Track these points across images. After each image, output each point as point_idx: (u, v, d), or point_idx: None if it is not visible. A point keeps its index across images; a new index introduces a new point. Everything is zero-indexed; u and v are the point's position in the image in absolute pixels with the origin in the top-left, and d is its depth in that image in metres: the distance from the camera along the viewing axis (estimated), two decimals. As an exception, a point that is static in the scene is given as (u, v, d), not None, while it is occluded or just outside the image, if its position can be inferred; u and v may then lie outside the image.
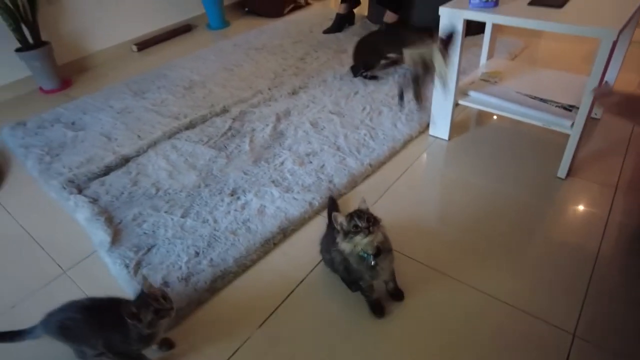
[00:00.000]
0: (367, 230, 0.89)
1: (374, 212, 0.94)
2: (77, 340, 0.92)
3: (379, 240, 0.93)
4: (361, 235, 0.89)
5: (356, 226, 0.89)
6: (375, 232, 0.90)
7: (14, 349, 1.00)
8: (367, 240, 0.90)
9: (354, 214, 0.91)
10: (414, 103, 1.65)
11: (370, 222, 0.90)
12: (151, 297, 0.87)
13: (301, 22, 3.02)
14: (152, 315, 0.86)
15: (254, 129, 1.78)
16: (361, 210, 0.93)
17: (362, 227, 0.89)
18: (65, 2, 2.51)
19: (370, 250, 0.92)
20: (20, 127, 2.00)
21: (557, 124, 1.38)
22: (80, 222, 1.41)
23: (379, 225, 0.92)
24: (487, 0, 1.35)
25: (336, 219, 0.92)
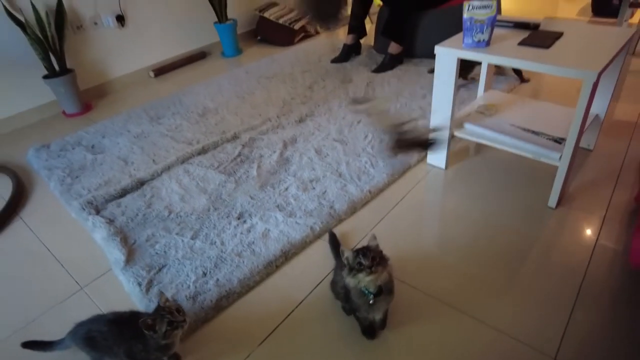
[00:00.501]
0: (370, 270, 0.92)
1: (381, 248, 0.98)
2: (102, 351, 1.01)
3: (382, 280, 0.96)
4: (364, 273, 0.93)
5: (360, 263, 0.93)
6: (379, 272, 0.93)
7: (36, 359, 1.10)
8: (370, 279, 0.93)
9: (361, 251, 0.95)
10: None
11: (375, 261, 0.93)
12: (166, 310, 0.96)
13: (310, 51, 3.16)
14: (166, 326, 0.94)
15: (261, 155, 1.89)
16: (369, 248, 0.96)
17: (365, 265, 0.93)
18: (89, 32, 2.68)
19: (372, 288, 0.96)
20: (45, 150, 2.14)
21: (546, 156, 1.45)
22: (97, 241, 1.52)
23: (385, 265, 0.95)
24: (479, 41, 1.45)
25: (343, 253, 0.97)
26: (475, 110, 1.75)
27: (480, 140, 1.61)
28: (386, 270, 0.96)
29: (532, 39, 1.48)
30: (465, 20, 1.44)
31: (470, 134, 1.63)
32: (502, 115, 1.70)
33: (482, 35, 1.45)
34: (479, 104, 1.80)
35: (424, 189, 1.64)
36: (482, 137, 1.61)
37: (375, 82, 2.51)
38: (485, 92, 1.90)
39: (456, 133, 1.65)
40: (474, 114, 1.73)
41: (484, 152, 1.82)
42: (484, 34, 1.44)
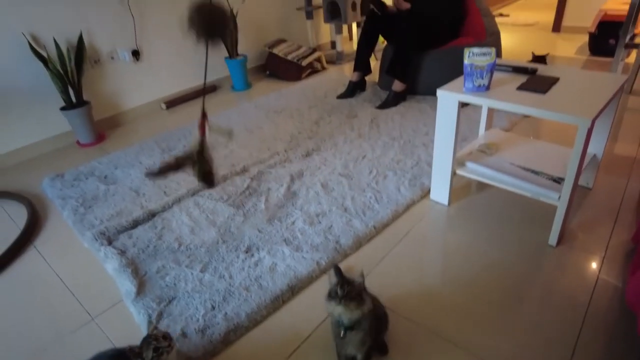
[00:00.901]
0: (339, 300, 0.95)
1: (370, 289, 1.01)
2: None
3: (353, 316, 0.97)
4: (335, 302, 0.96)
5: (336, 292, 0.96)
6: (350, 307, 0.95)
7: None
8: (339, 310, 0.96)
9: (343, 281, 0.98)
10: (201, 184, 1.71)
11: (349, 295, 0.94)
12: (152, 337, 1.01)
13: (317, 86, 3.27)
14: (152, 352, 0.99)
15: (269, 189, 1.95)
16: (350, 282, 0.98)
17: (338, 295, 0.95)
18: (105, 66, 2.81)
19: (345, 320, 0.98)
20: (59, 179, 2.21)
21: (545, 195, 1.50)
22: (109, 271, 1.56)
23: (360, 303, 0.96)
24: (479, 85, 1.53)
25: (329, 276, 1.02)
26: (476, 149, 1.81)
27: (482, 179, 1.66)
28: (360, 309, 0.96)
29: (530, 83, 1.55)
30: (466, 66, 1.52)
31: (472, 173, 1.69)
32: (502, 154, 1.76)
33: (482, 80, 1.52)
34: (480, 142, 1.87)
35: (427, 225, 1.68)
36: (483, 176, 1.66)
37: (380, 118, 2.59)
38: (486, 131, 1.97)
39: (458, 171, 1.71)
40: (476, 152, 1.79)
41: (486, 190, 1.88)
42: (484, 79, 1.52)
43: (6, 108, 2.44)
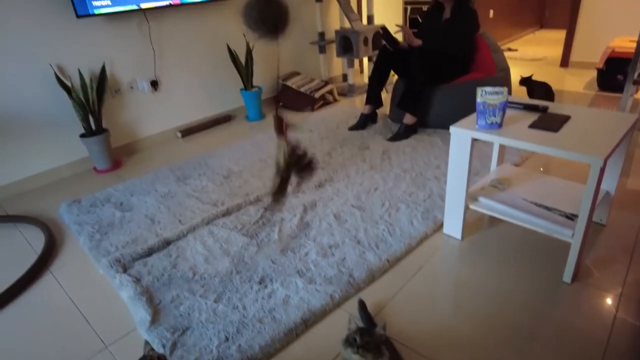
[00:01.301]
0: (356, 350, 0.95)
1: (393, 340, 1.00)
2: None
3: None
4: (351, 349, 0.95)
5: (355, 339, 0.96)
6: (367, 358, 0.94)
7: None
8: (355, 358, 0.95)
9: (364, 330, 0.97)
10: None
11: (367, 346, 0.94)
12: (147, 358, 1.02)
13: (329, 118, 3.34)
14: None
15: (282, 219, 1.97)
16: (372, 332, 0.97)
17: (356, 344, 0.95)
18: (125, 95, 2.90)
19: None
20: (76, 205, 2.25)
21: (558, 232, 1.51)
22: (124, 299, 1.57)
23: (378, 356, 0.95)
24: (492, 123, 1.57)
25: (349, 322, 1.01)
26: (488, 184, 1.83)
27: (494, 214, 1.67)
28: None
29: (541, 121, 1.59)
30: (479, 104, 1.56)
31: (484, 208, 1.70)
32: (514, 190, 1.78)
33: (494, 118, 1.56)
34: (492, 177, 1.89)
35: (440, 260, 1.69)
36: (496, 211, 1.67)
37: (391, 151, 2.63)
38: (498, 166, 2.00)
39: (471, 206, 1.73)
40: (488, 187, 1.81)
41: (499, 225, 1.88)
42: (496, 117, 1.56)
43: (29, 134, 2.52)
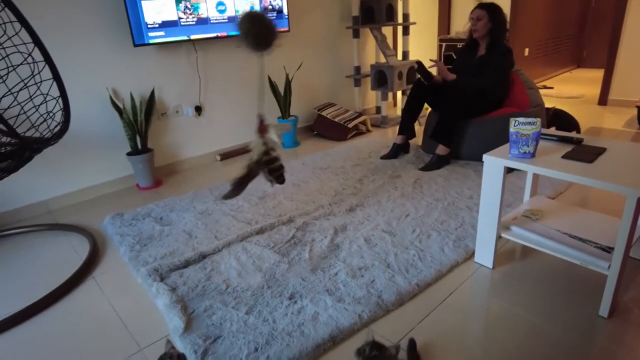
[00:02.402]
0: None
1: None
2: None
3: None
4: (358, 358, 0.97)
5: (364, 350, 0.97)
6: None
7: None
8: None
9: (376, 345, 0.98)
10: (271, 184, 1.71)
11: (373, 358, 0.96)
12: (168, 355, 1.08)
13: (362, 147, 3.42)
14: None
15: (313, 239, 2.02)
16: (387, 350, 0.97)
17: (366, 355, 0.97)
18: (170, 118, 3.09)
19: None
20: (119, 218, 2.39)
21: (594, 264, 1.48)
22: (159, 307, 1.64)
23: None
24: (525, 152, 1.59)
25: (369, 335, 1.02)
26: (521, 214, 1.82)
27: (527, 243, 1.66)
28: None
29: (575, 153, 1.59)
30: (512, 133, 1.59)
31: (516, 237, 1.69)
32: (547, 221, 1.76)
33: (527, 148, 1.58)
34: (525, 208, 1.88)
35: (471, 288, 1.68)
36: (528, 241, 1.66)
37: (423, 180, 2.66)
38: (531, 198, 1.99)
39: (503, 234, 1.72)
40: (520, 217, 1.80)
41: (531, 255, 1.86)
42: (529, 147, 1.58)
43: (83, 150, 2.71)
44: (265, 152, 1.63)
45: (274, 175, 1.66)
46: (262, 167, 1.64)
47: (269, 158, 1.63)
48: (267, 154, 1.63)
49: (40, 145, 1.82)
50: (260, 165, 1.63)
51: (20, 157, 1.79)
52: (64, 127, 1.95)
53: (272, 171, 1.65)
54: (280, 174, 1.67)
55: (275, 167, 1.64)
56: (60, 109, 1.93)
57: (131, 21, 2.64)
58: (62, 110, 1.92)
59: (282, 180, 1.69)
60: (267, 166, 1.63)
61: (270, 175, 1.66)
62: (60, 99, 1.90)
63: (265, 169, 1.64)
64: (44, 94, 1.89)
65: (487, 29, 2.79)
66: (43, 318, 1.65)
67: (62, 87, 1.85)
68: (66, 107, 1.91)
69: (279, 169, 1.66)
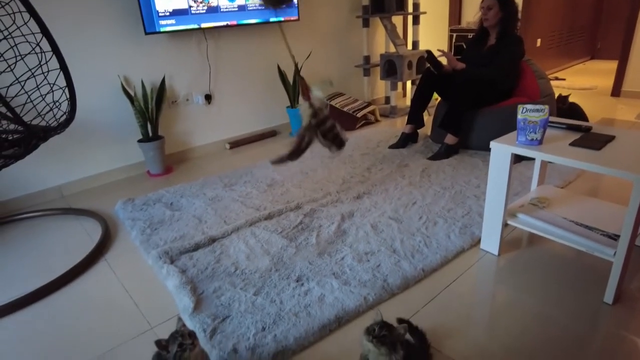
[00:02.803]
0: (371, 338, 0.96)
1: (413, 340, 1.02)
2: None
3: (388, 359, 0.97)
4: (367, 337, 0.98)
5: (373, 329, 0.98)
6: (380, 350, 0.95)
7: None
8: (369, 347, 0.97)
9: (385, 324, 0.99)
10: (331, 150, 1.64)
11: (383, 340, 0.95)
12: (179, 333, 1.09)
13: (370, 137, 3.42)
14: (177, 347, 1.06)
15: (321, 225, 2.04)
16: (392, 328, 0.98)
17: (373, 334, 0.97)
18: (181, 106, 3.12)
19: (370, 358, 0.99)
20: (130, 203, 2.43)
21: (600, 250, 1.49)
22: (169, 288, 1.68)
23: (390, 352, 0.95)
24: (532, 139, 1.59)
25: (377, 315, 1.04)
26: (528, 202, 1.83)
27: (533, 230, 1.67)
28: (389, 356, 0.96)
29: (583, 140, 1.59)
30: (519, 120, 1.60)
31: (523, 224, 1.70)
32: (554, 209, 1.77)
33: (535, 135, 1.58)
34: (532, 196, 1.88)
35: (476, 273, 1.69)
36: (534, 228, 1.67)
37: (431, 169, 2.66)
38: (538, 187, 1.99)
39: (509, 222, 1.73)
40: (527, 205, 1.81)
41: (537, 243, 1.86)
42: (537, 134, 1.58)
43: (94, 137, 2.76)
44: (313, 114, 1.55)
45: (329, 137, 1.57)
46: (314, 131, 1.56)
47: (319, 120, 1.56)
48: (315, 116, 1.55)
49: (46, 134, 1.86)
50: (311, 129, 1.56)
51: (27, 145, 1.83)
52: (70, 117, 1.98)
53: (325, 133, 1.57)
54: (335, 134, 1.57)
55: (327, 127, 1.56)
56: (67, 99, 1.96)
57: (142, 9, 2.66)
58: (68, 100, 1.95)
59: (340, 142, 1.59)
60: (319, 128, 1.56)
61: (325, 139, 1.58)
62: (66, 89, 1.93)
63: (317, 132, 1.57)
64: (51, 84, 1.92)
65: (497, 19, 2.77)
66: (57, 297, 1.70)
67: (69, 77, 1.88)
68: (72, 97, 1.95)
69: (332, 128, 1.58)
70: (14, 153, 1.86)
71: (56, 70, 1.87)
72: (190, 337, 1.11)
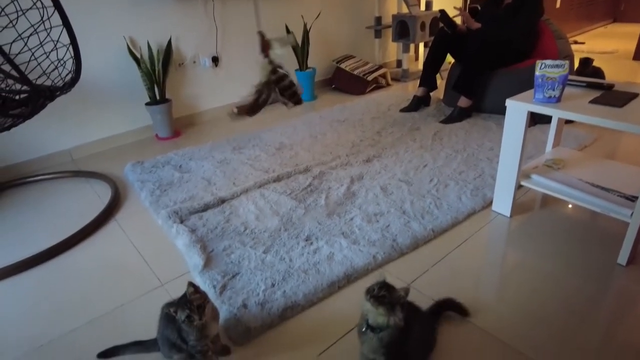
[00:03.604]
0: (368, 297, 0.95)
1: None
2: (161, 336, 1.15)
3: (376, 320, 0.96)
4: (366, 296, 0.96)
5: (373, 289, 0.96)
6: (378, 310, 0.94)
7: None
8: (367, 306, 0.95)
9: (385, 285, 0.96)
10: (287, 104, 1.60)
11: (381, 300, 0.94)
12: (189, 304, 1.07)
13: (381, 100, 3.35)
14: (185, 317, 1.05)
15: (330, 187, 2.03)
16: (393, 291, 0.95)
17: (372, 293, 0.95)
18: (188, 69, 3.07)
19: (370, 319, 0.98)
20: (139, 165, 2.43)
21: (616, 211, 1.45)
22: (179, 247, 1.69)
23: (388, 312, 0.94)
24: (550, 97, 1.53)
25: (381, 275, 1.03)
26: (542, 164, 1.78)
27: (547, 191, 1.63)
28: (386, 317, 0.94)
29: (604, 98, 1.53)
30: (537, 77, 1.53)
31: (537, 185, 1.66)
32: (570, 170, 1.72)
33: (553, 92, 1.52)
34: (547, 158, 1.83)
35: (487, 234, 1.67)
36: (549, 189, 1.63)
37: (443, 132, 2.61)
38: (553, 148, 1.94)
39: (523, 182, 1.69)
40: (542, 166, 1.76)
41: (550, 205, 1.83)
42: (555, 91, 1.52)
43: (102, 100, 2.74)
44: (272, 70, 1.53)
45: (287, 94, 1.56)
46: (272, 87, 1.55)
47: (278, 76, 1.53)
48: (274, 72, 1.53)
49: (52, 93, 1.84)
50: (269, 85, 1.54)
51: (34, 105, 1.81)
52: (76, 76, 1.95)
53: (283, 90, 1.56)
54: (293, 91, 1.57)
55: (285, 84, 1.54)
56: (71, 57, 1.92)
57: (146, -34, 2.57)
58: (73, 59, 1.92)
59: (298, 99, 1.59)
60: (277, 85, 1.54)
61: (283, 95, 1.57)
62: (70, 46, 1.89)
63: (275, 89, 1.55)
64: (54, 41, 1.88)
65: (516, -26, 2.63)
66: (70, 255, 1.72)
67: (72, 34, 1.84)
68: (77, 55, 1.91)
69: (291, 86, 1.56)
70: (21, 112, 1.85)
71: (59, 27, 1.83)
72: (199, 309, 1.09)
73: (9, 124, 1.85)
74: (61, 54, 2.01)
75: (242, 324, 1.27)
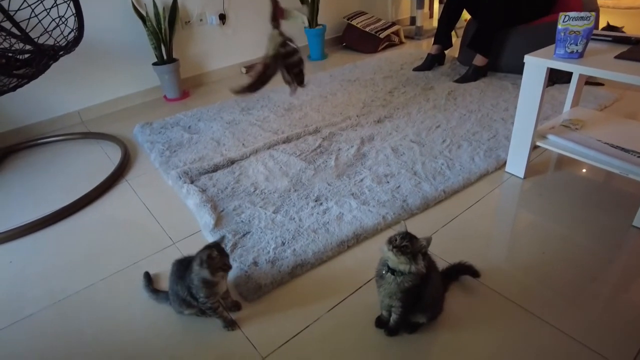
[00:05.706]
0: (390, 246, 0.96)
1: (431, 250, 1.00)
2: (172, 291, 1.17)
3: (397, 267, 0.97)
4: (388, 245, 0.97)
5: (395, 239, 0.97)
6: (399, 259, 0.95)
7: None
8: (389, 255, 0.96)
9: (408, 235, 0.97)
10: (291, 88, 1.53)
11: (403, 249, 0.95)
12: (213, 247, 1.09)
13: (393, 59, 3.25)
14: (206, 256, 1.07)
15: (340, 149, 2.00)
16: (414, 240, 0.97)
17: (393, 243, 0.96)
18: (194, 27, 2.99)
19: (391, 263, 0.99)
20: (148, 127, 2.42)
21: (635, 173, 1.41)
22: (190, 206, 1.70)
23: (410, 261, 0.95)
24: (572, 52, 1.45)
25: (403, 226, 1.03)
26: (560, 124, 1.73)
27: (564, 152, 1.59)
28: (408, 265, 0.96)
29: (631, 53, 1.45)
30: (560, 30, 1.45)
31: (553, 145, 1.62)
32: (588, 131, 1.67)
33: (575, 47, 1.45)
34: (565, 118, 1.77)
35: (499, 195, 1.65)
36: (565, 149, 1.59)
37: (457, 92, 2.53)
38: (572, 108, 1.87)
39: (539, 143, 1.65)
40: (559, 127, 1.71)
41: (565, 167, 1.79)
42: (578, 46, 1.44)
43: (109, 61, 2.69)
44: (282, 43, 1.44)
45: (293, 72, 1.49)
46: (280, 61, 1.46)
47: (287, 51, 1.45)
48: (284, 45, 1.45)
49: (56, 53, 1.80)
50: (277, 59, 1.45)
51: (38, 64, 1.78)
52: (79, 35, 1.90)
53: (290, 67, 1.48)
54: (299, 70, 1.49)
55: (294, 61, 1.46)
56: (73, 14, 1.87)
57: None
58: (75, 16, 1.86)
59: (302, 79, 1.51)
60: (285, 60, 1.45)
61: (288, 73, 1.49)
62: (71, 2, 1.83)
63: (282, 64, 1.47)
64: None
65: None
66: (83, 215, 1.75)
67: (70, -13, 1.78)
68: (78, 11, 1.85)
69: (299, 63, 1.49)
70: (25, 73, 1.82)
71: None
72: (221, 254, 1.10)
73: (14, 84, 1.83)
74: (62, 10, 1.95)
75: (253, 281, 1.28)
